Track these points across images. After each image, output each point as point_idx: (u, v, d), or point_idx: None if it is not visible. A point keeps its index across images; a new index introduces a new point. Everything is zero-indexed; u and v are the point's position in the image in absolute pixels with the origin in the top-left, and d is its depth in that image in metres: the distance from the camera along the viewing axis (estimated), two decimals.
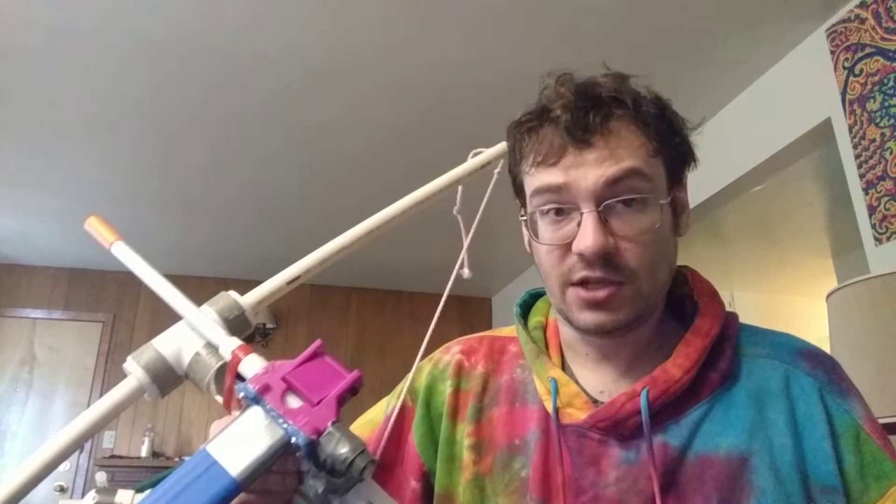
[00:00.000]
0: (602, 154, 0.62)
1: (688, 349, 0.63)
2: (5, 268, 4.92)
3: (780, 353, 0.65)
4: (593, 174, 0.61)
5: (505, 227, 0.64)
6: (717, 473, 0.59)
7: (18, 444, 4.61)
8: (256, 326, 5.08)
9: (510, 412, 0.70)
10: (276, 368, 0.47)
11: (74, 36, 2.38)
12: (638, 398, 0.61)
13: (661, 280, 0.65)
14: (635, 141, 0.63)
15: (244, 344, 0.49)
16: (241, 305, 0.53)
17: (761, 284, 4.85)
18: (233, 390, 0.48)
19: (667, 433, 0.61)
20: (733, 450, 0.59)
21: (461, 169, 0.64)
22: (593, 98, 0.63)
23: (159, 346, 0.50)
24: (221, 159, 3.36)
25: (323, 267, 0.57)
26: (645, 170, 0.62)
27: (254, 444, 0.44)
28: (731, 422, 0.61)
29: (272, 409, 0.45)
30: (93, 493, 0.52)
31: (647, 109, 0.64)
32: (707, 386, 0.63)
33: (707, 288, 0.70)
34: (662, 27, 2.34)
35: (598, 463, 0.62)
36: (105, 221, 0.56)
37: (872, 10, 2.12)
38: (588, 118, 0.62)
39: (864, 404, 0.62)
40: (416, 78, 2.64)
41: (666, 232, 0.65)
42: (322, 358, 0.49)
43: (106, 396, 0.48)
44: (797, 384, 0.62)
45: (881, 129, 2.07)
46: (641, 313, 0.64)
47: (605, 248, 0.60)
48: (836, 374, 0.64)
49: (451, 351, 0.78)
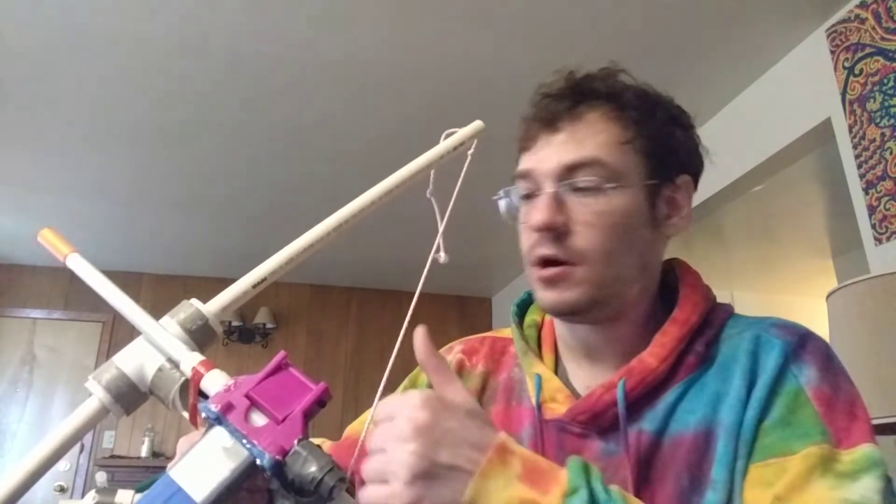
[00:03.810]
0: (565, 139, 0.65)
1: (664, 338, 0.63)
2: (5, 268, 4.93)
3: (758, 323, 0.65)
4: (555, 157, 0.65)
5: (505, 227, 0.63)
6: (687, 450, 0.59)
7: (18, 444, 4.61)
8: (256, 326, 5.09)
9: (506, 410, 0.70)
10: (239, 385, 0.45)
11: (75, 37, 2.38)
12: (615, 389, 0.61)
13: (623, 269, 0.65)
14: (603, 130, 0.65)
15: (205, 359, 0.47)
16: (204, 314, 0.50)
17: (761, 284, 4.85)
18: (196, 408, 0.46)
19: (643, 420, 0.62)
20: (700, 424, 0.60)
21: (433, 152, 0.62)
22: (570, 87, 0.67)
23: (121, 363, 0.48)
24: (221, 159, 3.36)
25: (290, 267, 0.54)
26: (605, 159, 0.64)
27: (217, 468, 0.43)
28: (702, 397, 0.61)
29: (235, 429, 0.43)
30: (93, 493, 0.51)
31: (625, 99, 0.66)
32: (683, 370, 0.63)
33: (690, 278, 0.69)
34: (662, 27, 2.34)
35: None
36: (58, 234, 0.53)
37: (872, 10, 2.12)
38: (557, 104, 0.66)
39: (824, 376, 0.59)
40: (417, 76, 2.64)
41: (630, 219, 0.64)
42: (287, 370, 0.47)
43: (68, 420, 0.46)
44: (764, 345, 0.61)
45: (881, 129, 2.07)
46: (598, 299, 0.64)
47: (551, 224, 0.63)
48: (807, 345, 0.61)
49: (453, 351, 0.79)
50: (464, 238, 4.21)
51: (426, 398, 0.49)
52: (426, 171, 0.61)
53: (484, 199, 0.76)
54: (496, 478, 0.47)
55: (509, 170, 0.72)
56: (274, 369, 0.47)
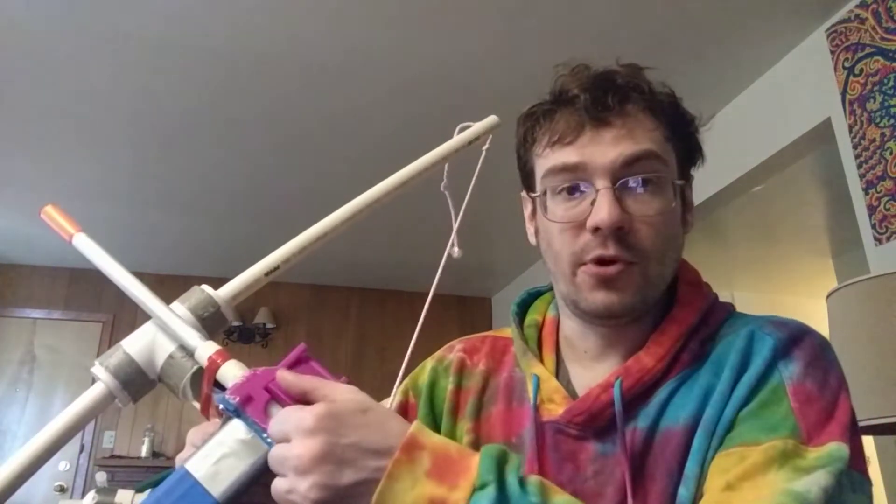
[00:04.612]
0: (619, 133, 0.63)
1: (661, 337, 0.63)
2: (5, 268, 4.92)
3: (753, 321, 0.65)
4: (612, 152, 0.62)
5: (505, 227, 0.63)
6: (676, 446, 0.59)
7: (18, 444, 4.60)
8: (256, 326, 5.08)
9: (507, 410, 0.70)
10: (258, 376, 0.44)
11: (75, 36, 2.38)
12: (612, 389, 0.61)
13: (667, 267, 0.65)
14: (650, 125, 0.64)
15: (221, 349, 0.46)
16: (216, 301, 0.48)
17: (761, 284, 4.85)
18: (210, 399, 0.45)
19: (637, 418, 0.61)
20: (689, 419, 0.59)
21: (448, 146, 0.60)
22: (611, 81, 0.65)
23: (129, 347, 0.46)
24: (221, 159, 3.36)
25: (303, 255, 0.52)
26: (660, 153, 0.63)
27: (235, 462, 0.42)
28: (692, 393, 0.61)
29: (254, 422, 0.43)
30: (93, 493, 0.51)
31: (661, 98, 0.66)
32: (676, 367, 0.63)
33: (690, 277, 0.69)
34: (662, 27, 2.34)
35: (576, 458, 0.62)
36: (63, 212, 0.50)
37: (872, 10, 2.12)
38: (607, 98, 0.63)
39: (807, 372, 0.58)
40: (418, 77, 2.64)
41: (677, 217, 0.66)
42: (307, 363, 0.46)
43: (72, 405, 0.44)
44: (757, 341, 0.61)
45: (881, 129, 2.07)
46: (646, 298, 0.64)
47: (620, 223, 0.60)
48: (799, 341, 0.60)
49: (453, 349, 0.79)
50: (464, 238, 4.18)
51: (318, 416, 0.44)
52: (440, 165, 0.59)
53: (484, 200, 0.75)
54: (403, 479, 0.45)
55: (514, 170, 0.71)
56: (294, 361, 0.46)
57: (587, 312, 0.65)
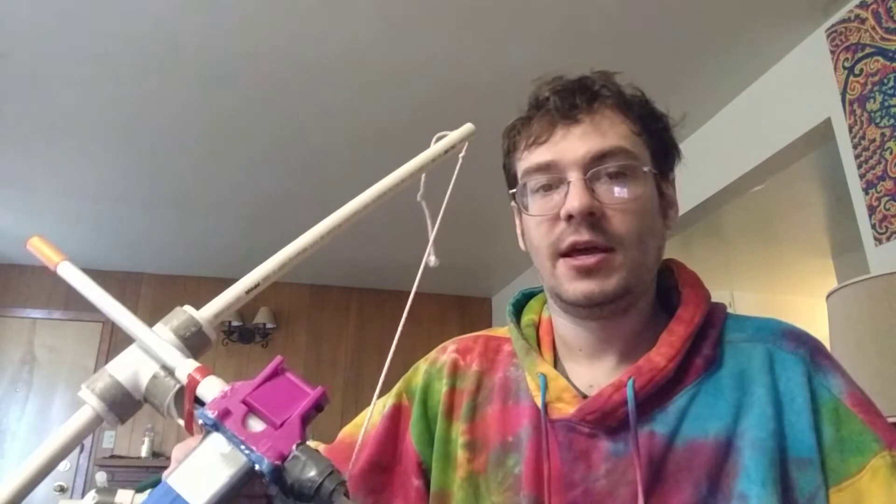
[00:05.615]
0: (588, 130, 0.65)
1: (671, 338, 0.64)
2: (5, 268, 4.92)
3: (763, 334, 0.66)
4: (581, 148, 0.65)
5: (505, 228, 0.64)
6: (706, 458, 0.59)
7: (18, 444, 4.61)
8: (256, 326, 5.09)
9: (503, 410, 0.70)
10: (236, 391, 0.45)
11: (73, 37, 2.38)
12: (624, 388, 0.61)
13: (650, 254, 0.66)
14: (619, 120, 0.66)
15: (201, 366, 0.47)
16: (198, 321, 0.50)
17: (761, 284, 4.86)
18: (193, 415, 0.46)
19: (654, 422, 0.62)
20: (721, 433, 0.60)
21: (424, 156, 0.61)
22: (580, 83, 0.68)
23: (114, 371, 0.48)
24: (217, 158, 3.36)
25: (283, 272, 0.54)
26: (630, 147, 0.65)
27: (216, 474, 0.43)
28: (717, 405, 0.61)
29: (233, 434, 0.43)
30: (93, 493, 0.51)
31: (630, 96, 0.68)
32: (692, 372, 0.64)
33: (690, 278, 0.71)
34: (662, 27, 2.33)
35: (589, 457, 0.63)
36: (48, 242, 0.53)
37: (872, 10, 2.12)
38: (575, 98, 0.66)
39: (847, 380, 0.63)
40: (410, 74, 2.63)
41: (653, 206, 0.67)
42: (283, 376, 0.47)
43: (61, 429, 0.46)
44: (780, 362, 0.63)
45: (881, 129, 2.07)
46: (629, 286, 0.64)
47: (590, 208, 0.62)
48: (819, 352, 0.65)
49: (446, 350, 0.78)
50: (464, 238, 4.21)
51: None
52: (417, 175, 0.61)
53: (484, 200, 0.76)
54: None
55: None
56: (270, 375, 0.47)
57: (569, 303, 0.66)
